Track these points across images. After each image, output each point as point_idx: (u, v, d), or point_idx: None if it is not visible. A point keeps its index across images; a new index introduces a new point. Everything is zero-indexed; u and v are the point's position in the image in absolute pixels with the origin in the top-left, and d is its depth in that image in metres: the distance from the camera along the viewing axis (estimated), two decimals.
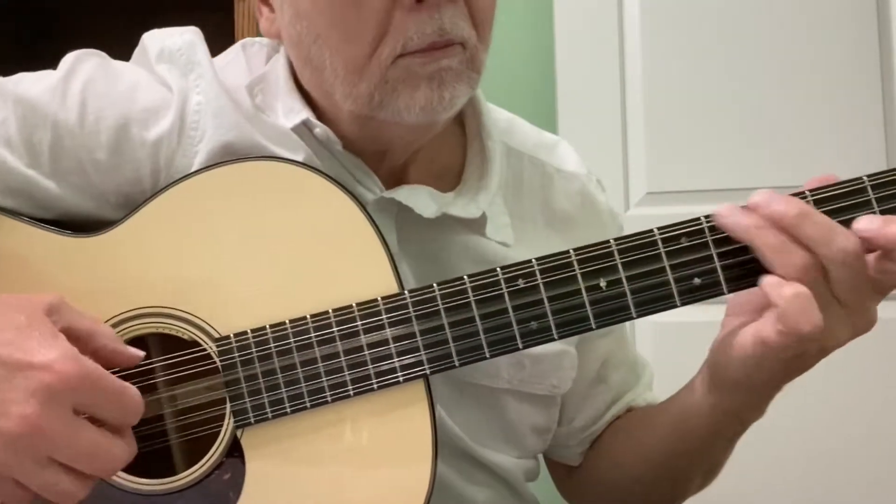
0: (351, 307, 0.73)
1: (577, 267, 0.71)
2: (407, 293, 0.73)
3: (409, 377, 0.73)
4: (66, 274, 0.77)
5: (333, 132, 0.80)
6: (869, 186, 0.69)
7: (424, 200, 0.82)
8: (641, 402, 0.97)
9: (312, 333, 0.73)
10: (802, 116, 1.71)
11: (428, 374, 0.73)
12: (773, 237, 0.67)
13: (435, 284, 0.73)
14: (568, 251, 0.72)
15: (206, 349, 0.75)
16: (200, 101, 0.80)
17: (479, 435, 0.87)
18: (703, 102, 1.75)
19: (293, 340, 0.73)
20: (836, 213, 0.68)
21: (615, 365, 0.97)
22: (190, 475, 0.75)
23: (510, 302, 0.72)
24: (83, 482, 0.64)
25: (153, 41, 0.84)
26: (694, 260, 0.70)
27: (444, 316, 0.72)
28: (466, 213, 0.84)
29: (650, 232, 0.71)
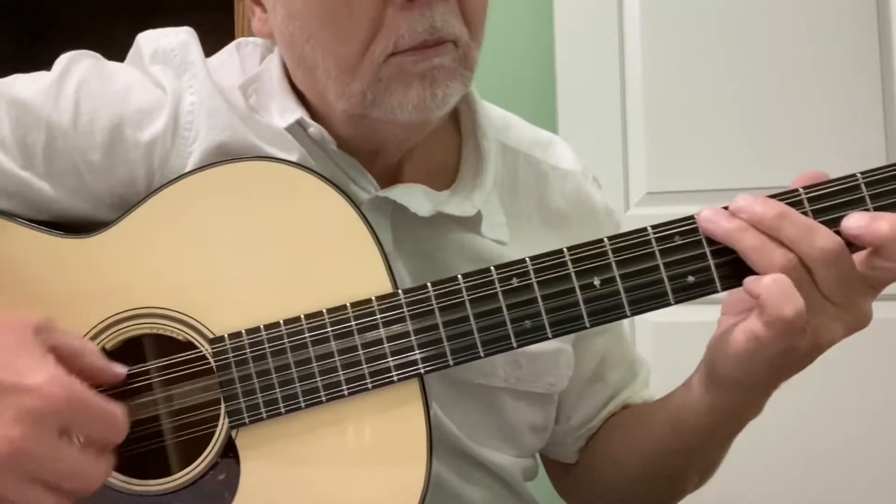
0: (345, 307, 0.73)
1: (570, 266, 0.71)
2: (401, 293, 0.73)
3: (403, 376, 0.73)
4: (60, 275, 0.77)
5: (327, 132, 0.81)
6: (863, 183, 0.69)
7: (419, 199, 0.82)
8: (638, 399, 0.97)
9: (307, 333, 0.73)
10: (802, 116, 1.71)
11: (422, 373, 0.73)
12: (754, 239, 0.67)
13: (429, 284, 0.73)
14: (562, 250, 0.72)
15: (200, 350, 0.75)
16: (194, 101, 0.80)
17: (476, 434, 0.87)
18: (702, 103, 1.75)
19: (287, 341, 0.73)
20: (829, 210, 0.69)
21: (612, 363, 0.97)
22: (185, 476, 0.75)
23: (504, 301, 0.72)
24: (66, 499, 0.66)
25: (147, 42, 0.84)
26: (688, 258, 0.70)
27: (438, 315, 0.72)
28: (461, 211, 0.84)
29: (644, 230, 0.71)
